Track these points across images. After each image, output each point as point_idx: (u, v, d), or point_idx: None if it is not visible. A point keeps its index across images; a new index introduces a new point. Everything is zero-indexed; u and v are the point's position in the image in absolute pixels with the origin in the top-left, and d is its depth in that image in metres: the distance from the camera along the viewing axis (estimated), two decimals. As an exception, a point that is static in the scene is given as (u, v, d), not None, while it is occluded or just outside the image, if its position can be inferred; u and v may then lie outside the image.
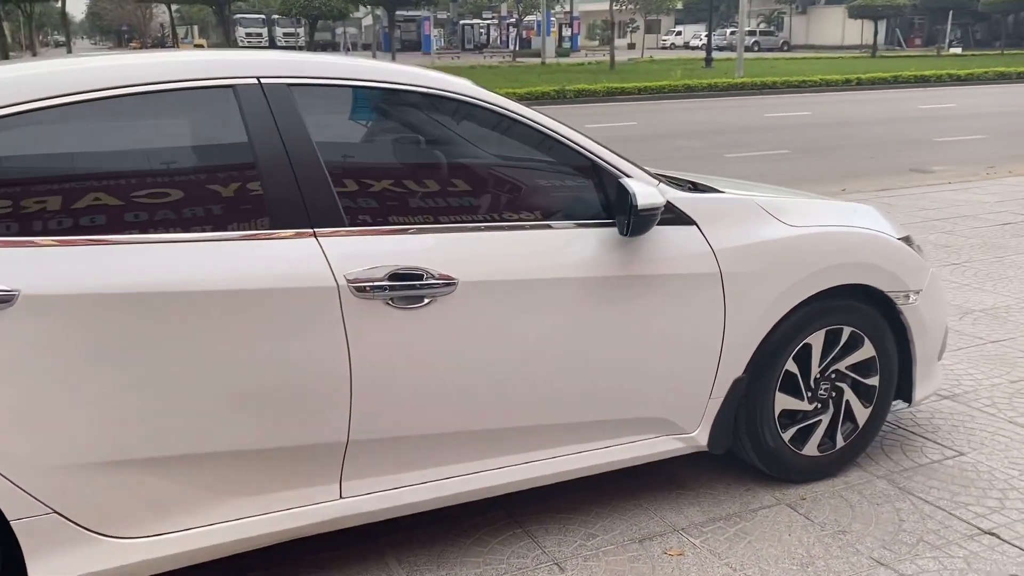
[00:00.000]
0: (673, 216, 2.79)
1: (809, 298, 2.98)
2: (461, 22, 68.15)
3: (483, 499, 2.74)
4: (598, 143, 2.82)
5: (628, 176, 2.71)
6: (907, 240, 3.32)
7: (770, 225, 2.94)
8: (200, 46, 57.25)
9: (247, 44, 60.43)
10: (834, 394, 3.17)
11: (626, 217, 2.55)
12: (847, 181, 10.24)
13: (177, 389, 2.19)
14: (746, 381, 2.94)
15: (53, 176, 2.22)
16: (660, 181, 2.87)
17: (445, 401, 2.50)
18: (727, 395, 2.92)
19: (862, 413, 3.22)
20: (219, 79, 2.33)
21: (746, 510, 3.00)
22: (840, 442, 3.20)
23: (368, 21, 73.29)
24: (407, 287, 2.38)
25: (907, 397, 3.33)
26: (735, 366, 2.90)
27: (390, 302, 2.37)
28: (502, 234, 2.55)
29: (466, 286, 2.45)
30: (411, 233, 2.44)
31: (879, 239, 3.11)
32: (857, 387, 3.22)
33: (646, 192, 2.54)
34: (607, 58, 35.05)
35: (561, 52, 52.63)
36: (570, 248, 2.61)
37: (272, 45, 61.01)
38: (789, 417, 3.11)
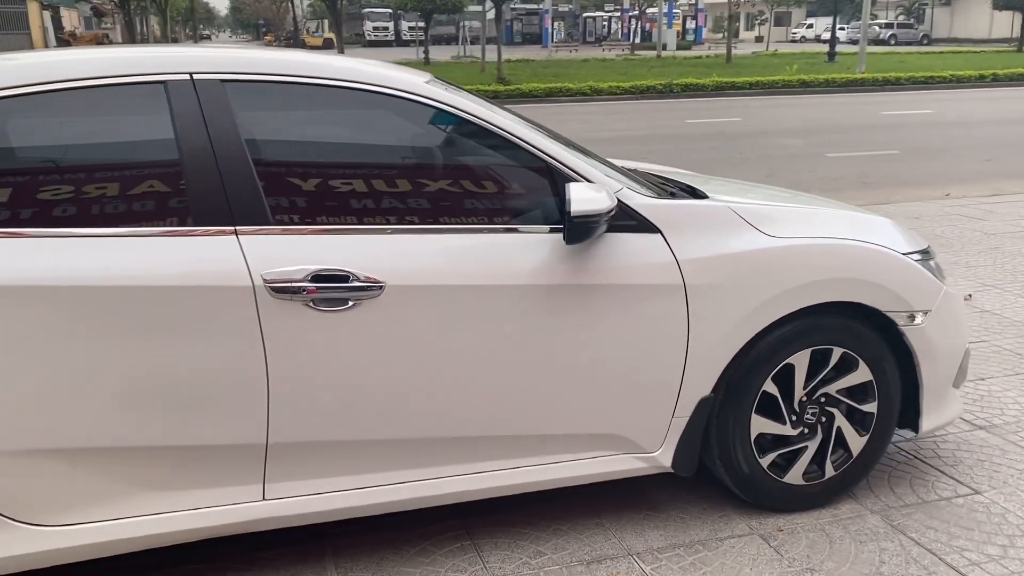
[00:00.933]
0: (635, 223, 2.63)
1: (791, 315, 2.76)
2: (584, 15, 67.82)
3: (441, 507, 2.66)
4: (561, 143, 2.70)
5: (583, 179, 2.58)
6: (925, 254, 3.04)
7: (746, 235, 2.74)
8: (329, 40, 59.03)
9: (373, 38, 61.97)
10: (823, 419, 2.94)
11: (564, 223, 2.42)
12: (953, 185, 9.59)
13: (92, 383, 2.22)
14: (714, 401, 2.75)
15: None
16: (641, 185, 2.73)
17: (373, 408, 2.44)
18: (692, 415, 2.74)
19: (856, 441, 2.97)
20: (152, 75, 2.34)
21: (713, 538, 2.81)
22: (830, 471, 2.96)
23: (492, 15, 74.16)
24: (330, 289, 2.33)
25: (914, 426, 3.05)
26: (701, 385, 2.72)
27: (311, 304, 2.32)
28: (437, 237, 2.46)
29: (394, 290, 2.38)
30: (338, 234, 2.38)
31: (878, 254, 2.85)
32: (851, 413, 2.97)
33: (585, 197, 2.39)
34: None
35: (683, 45, 51.61)
36: (515, 254, 2.50)
37: (397, 39, 62.35)
38: (769, 441, 2.90)
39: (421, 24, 60.49)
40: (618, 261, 2.58)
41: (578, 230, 2.39)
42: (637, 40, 49.55)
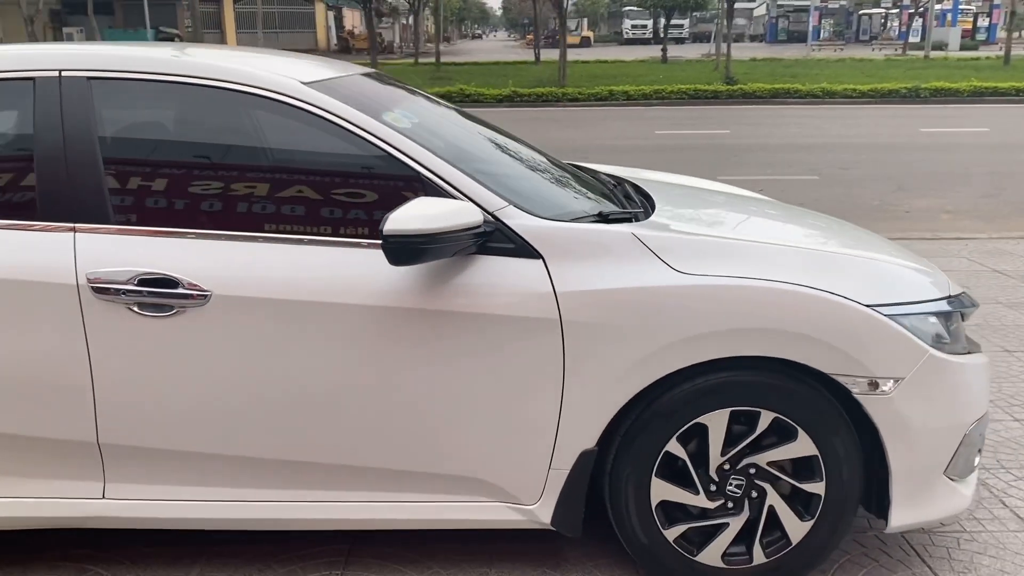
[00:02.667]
0: (514, 247, 2.33)
1: (701, 367, 2.33)
2: (859, 11, 63.31)
3: (332, 531, 2.54)
4: (446, 160, 2.40)
5: (459, 194, 2.32)
6: (958, 301, 2.49)
7: (647, 268, 2.34)
8: (586, 38, 59.74)
9: (631, 36, 61.83)
10: (753, 494, 2.45)
11: None
12: None
13: None
14: (597, 455, 2.39)
15: None
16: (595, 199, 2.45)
17: (200, 420, 2.36)
18: (573, 468, 2.39)
19: (796, 526, 2.46)
20: (23, 71, 2.39)
21: (597, 613, 2.45)
22: (760, 557, 2.48)
23: (761, 11, 71.09)
24: (153, 294, 2.27)
25: (885, 516, 2.47)
26: (582, 435, 2.37)
27: (134, 308, 2.28)
28: (275, 247, 2.32)
29: (220, 300, 2.28)
30: (171, 237, 2.32)
31: (823, 303, 2.32)
32: (791, 491, 2.46)
33: (407, 216, 2.14)
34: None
35: (968, 45, 46.57)
36: (361, 272, 2.30)
37: (655, 37, 61.66)
38: (679, 511, 2.47)
39: (680, 22, 59.59)
40: (488, 287, 2.30)
41: (396, 250, 2.14)
42: (917, 39, 45.37)
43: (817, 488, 2.44)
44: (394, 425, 2.37)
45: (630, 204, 2.86)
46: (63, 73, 2.39)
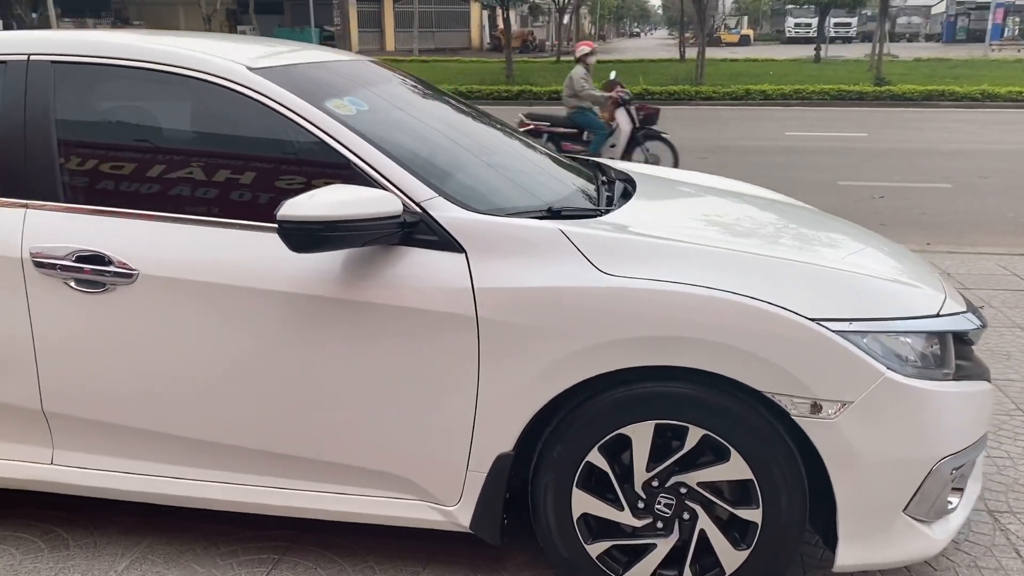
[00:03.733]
0: (437, 239, 2.26)
1: (624, 374, 2.19)
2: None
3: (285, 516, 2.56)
4: (381, 148, 2.35)
5: (388, 183, 2.28)
6: (951, 321, 2.26)
7: (571, 267, 2.21)
8: (746, 37, 57.95)
9: (794, 34, 59.50)
10: (685, 516, 2.28)
11: None
12: None
13: None
14: (514, 459, 2.28)
15: None
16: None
17: (133, 397, 2.42)
18: (491, 472, 2.30)
19: (730, 555, 2.26)
20: (3, 56, 2.53)
21: (510, 624, 2.34)
22: (691, 583, 2.30)
23: (940, 8, 66.64)
24: (87, 271, 2.35)
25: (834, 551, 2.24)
26: (499, 438, 2.27)
27: (71, 283, 2.36)
28: (200, 229, 2.35)
29: (147, 279, 2.33)
30: (106, 216, 2.39)
31: (764, 315, 2.11)
32: (727, 517, 2.27)
33: (309, 202, 2.10)
34: None
35: None
36: (279, 257, 2.29)
37: (820, 36, 59.06)
38: (604, 526, 2.33)
39: (847, 20, 56.74)
40: (407, 280, 2.25)
41: (293, 236, 2.11)
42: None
43: (753, 515, 2.23)
44: (313, 415, 2.35)
45: (603, 201, 2.72)
46: (31, 57, 2.51)
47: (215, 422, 2.41)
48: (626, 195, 2.80)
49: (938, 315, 2.32)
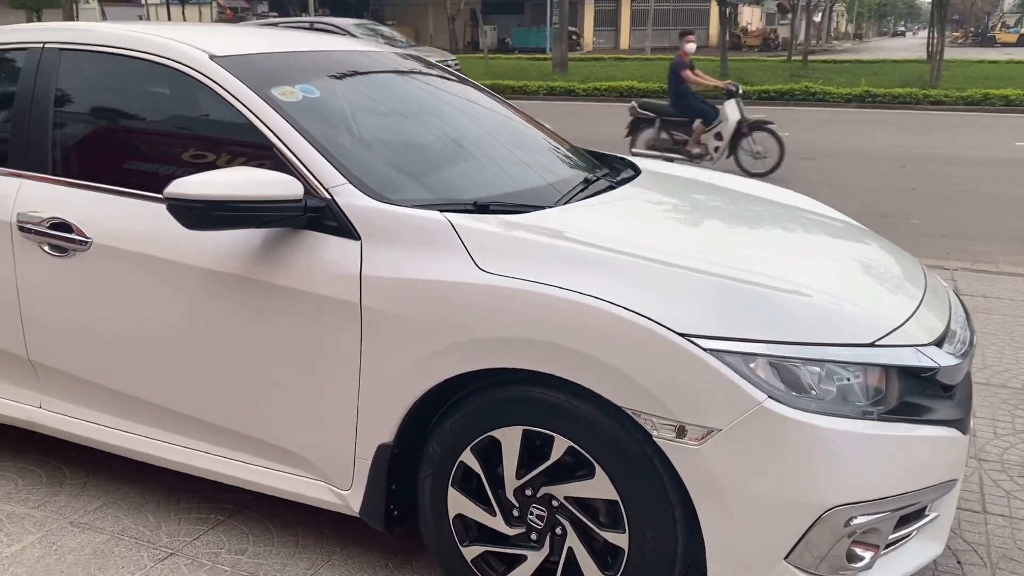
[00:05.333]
0: (337, 225, 2.30)
1: (498, 375, 2.12)
2: None
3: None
4: (307, 135, 2.41)
5: (300, 166, 2.34)
6: (892, 354, 2.03)
7: (452, 261, 2.16)
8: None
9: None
10: (557, 530, 2.16)
11: None
12: None
13: None
14: (392, 450, 2.27)
15: None
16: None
17: (91, 354, 2.65)
18: (374, 460, 2.30)
19: (597, 579, 2.12)
20: (23, 43, 2.86)
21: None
22: (560, 603, 2.17)
23: None
24: (56, 237, 2.61)
25: (713, 597, 2.03)
26: (380, 428, 2.27)
27: (45, 247, 2.64)
28: (142, 204, 2.52)
29: (98, 248, 2.55)
30: (73, 187, 2.63)
31: (628, 326, 1.95)
32: (592, 538, 2.12)
33: (199, 182, 2.18)
34: None
35: None
36: (204, 234, 2.41)
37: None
38: (479, 530, 2.26)
39: None
40: (304, 262, 2.31)
41: (180, 214, 2.21)
42: None
43: (620, 540, 2.08)
44: (221, 386, 2.47)
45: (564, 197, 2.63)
46: (46, 45, 2.82)
47: (152, 385, 2.59)
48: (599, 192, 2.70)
49: (872, 344, 2.03)
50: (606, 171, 3.09)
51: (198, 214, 2.21)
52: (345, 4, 48.60)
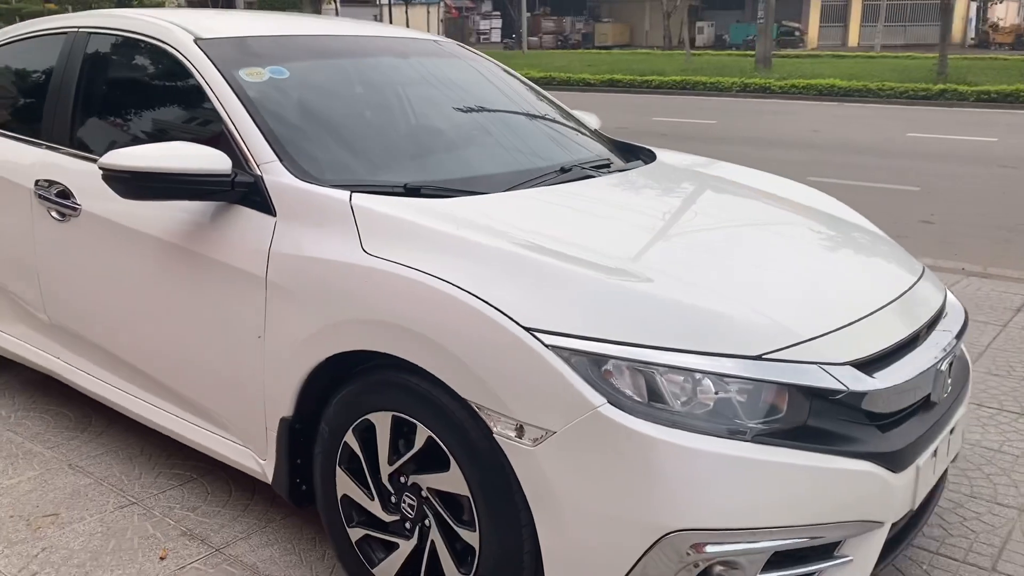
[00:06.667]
0: (260, 200, 2.37)
1: (373, 357, 2.10)
2: None
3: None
4: (256, 115, 2.48)
5: (242, 144, 2.43)
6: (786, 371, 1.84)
7: (343, 241, 2.15)
8: None
9: None
10: (425, 521, 2.10)
11: None
12: None
13: None
14: (290, 425, 2.29)
15: None
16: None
17: (86, 314, 2.89)
18: (279, 433, 2.34)
19: (454, 576, 2.04)
20: (62, 28, 3.16)
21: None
22: (426, 596, 2.12)
23: None
24: (59, 203, 2.86)
25: (558, 610, 1.90)
26: (281, 402, 2.31)
27: (53, 213, 2.90)
28: None
29: (86, 215, 2.77)
30: (77, 159, 2.87)
31: (472, 314, 1.86)
32: (450, 534, 2.05)
33: (130, 153, 2.29)
34: None
35: None
36: (159, 204, 2.55)
37: None
38: (363, 515, 2.24)
39: None
40: (226, 236, 2.40)
41: (114, 183, 2.34)
42: None
43: (472, 539, 1.99)
44: (164, 348, 2.61)
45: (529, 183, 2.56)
46: (80, 29, 3.09)
47: (122, 343, 2.78)
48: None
49: (759, 358, 1.82)
50: (605, 160, 2.95)
51: (129, 184, 2.35)
52: (564, 3, 49.31)
